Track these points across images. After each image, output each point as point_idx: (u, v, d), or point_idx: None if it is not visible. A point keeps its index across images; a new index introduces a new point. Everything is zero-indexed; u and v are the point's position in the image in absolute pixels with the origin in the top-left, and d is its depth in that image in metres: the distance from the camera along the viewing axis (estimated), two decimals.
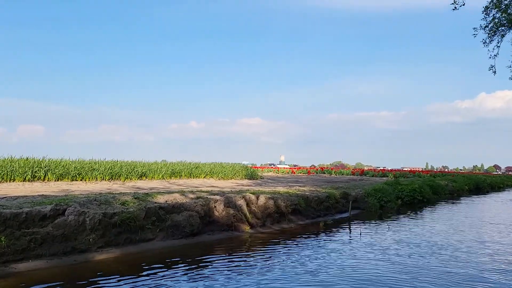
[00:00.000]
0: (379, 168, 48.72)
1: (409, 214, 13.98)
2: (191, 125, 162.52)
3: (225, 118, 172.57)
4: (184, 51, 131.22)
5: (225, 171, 21.71)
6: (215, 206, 8.64)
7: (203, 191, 10.19)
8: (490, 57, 17.19)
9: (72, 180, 14.37)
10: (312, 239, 8.60)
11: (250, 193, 10.04)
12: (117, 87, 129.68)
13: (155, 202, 7.84)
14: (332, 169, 40.65)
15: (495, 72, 17.55)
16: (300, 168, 47.00)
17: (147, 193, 8.59)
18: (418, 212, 14.82)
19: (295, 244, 7.98)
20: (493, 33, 17.10)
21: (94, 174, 15.11)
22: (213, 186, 15.12)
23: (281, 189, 13.66)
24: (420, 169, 59.83)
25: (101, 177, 15.33)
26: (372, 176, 35.50)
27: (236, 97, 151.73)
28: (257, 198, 9.84)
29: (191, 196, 8.86)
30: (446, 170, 79.95)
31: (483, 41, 17.14)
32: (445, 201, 20.29)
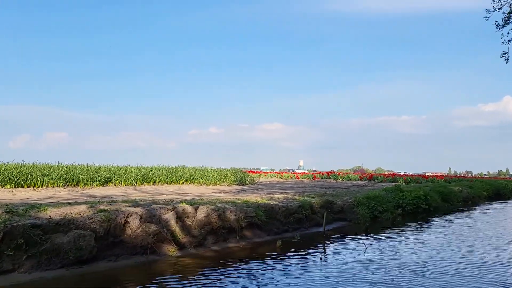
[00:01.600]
0: (400, 173, 45.55)
1: (404, 227, 11.67)
2: (210, 131, 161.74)
3: (245, 124, 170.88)
4: (203, 57, 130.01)
5: (209, 176, 19.70)
6: (126, 222, 6.63)
7: (128, 201, 8.20)
8: (503, 43, 14.76)
9: (16, 187, 12.64)
10: (250, 264, 6.49)
11: (187, 203, 7.99)
12: (138, 94, 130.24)
13: (36, 218, 5.89)
14: (338, 174, 38.13)
15: (507, 60, 15.09)
16: (305, 173, 44.60)
17: (33, 205, 6.64)
18: (417, 224, 12.47)
19: (214, 275, 5.88)
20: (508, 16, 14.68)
21: (45, 179, 13.35)
22: (185, 193, 13.16)
23: (254, 196, 11.58)
24: (443, 174, 56.50)
25: (53, 183, 13.56)
26: (381, 181, 32.93)
27: (255, 102, 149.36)
28: (196, 210, 7.78)
29: (103, 207, 6.88)
30: (470, 175, 75.83)
31: (496, 23, 14.73)
32: (457, 210, 17.78)
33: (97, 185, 14.67)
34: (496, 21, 14.60)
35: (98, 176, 15.02)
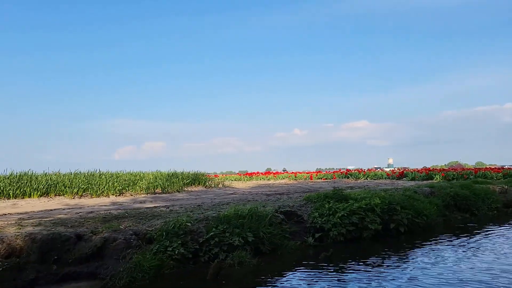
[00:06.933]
0: (505, 166, 34.18)
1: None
2: (294, 133, 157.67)
3: (329, 124, 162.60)
4: (285, 60, 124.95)
5: (93, 184, 13.69)
6: None
7: None
8: None
9: None
10: None
11: None
12: (225, 102, 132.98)
13: None
14: (359, 171, 29.87)
15: None
16: (333, 172, 36.46)
17: None
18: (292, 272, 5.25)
19: None
20: None
21: None
22: None
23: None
24: None
25: None
26: (412, 179, 24.28)
27: (340, 101, 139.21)
28: None
29: None
30: None
31: None
32: (480, 224, 9.91)
33: None
34: None
35: None
